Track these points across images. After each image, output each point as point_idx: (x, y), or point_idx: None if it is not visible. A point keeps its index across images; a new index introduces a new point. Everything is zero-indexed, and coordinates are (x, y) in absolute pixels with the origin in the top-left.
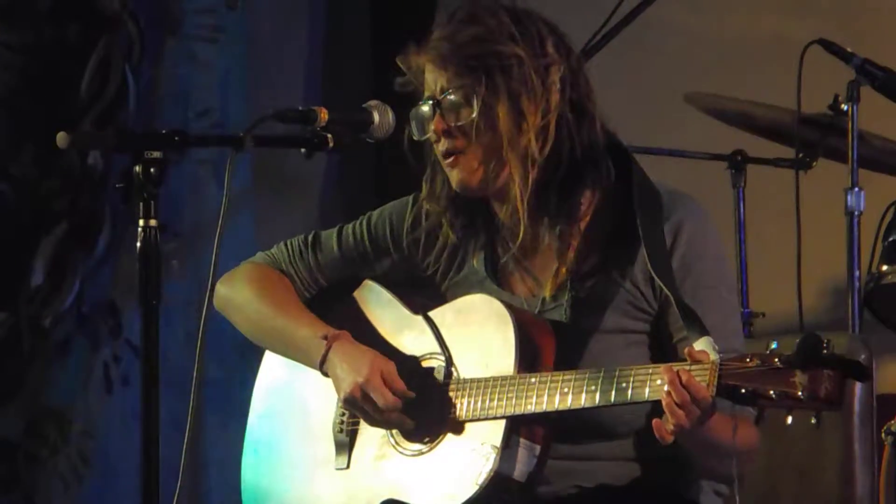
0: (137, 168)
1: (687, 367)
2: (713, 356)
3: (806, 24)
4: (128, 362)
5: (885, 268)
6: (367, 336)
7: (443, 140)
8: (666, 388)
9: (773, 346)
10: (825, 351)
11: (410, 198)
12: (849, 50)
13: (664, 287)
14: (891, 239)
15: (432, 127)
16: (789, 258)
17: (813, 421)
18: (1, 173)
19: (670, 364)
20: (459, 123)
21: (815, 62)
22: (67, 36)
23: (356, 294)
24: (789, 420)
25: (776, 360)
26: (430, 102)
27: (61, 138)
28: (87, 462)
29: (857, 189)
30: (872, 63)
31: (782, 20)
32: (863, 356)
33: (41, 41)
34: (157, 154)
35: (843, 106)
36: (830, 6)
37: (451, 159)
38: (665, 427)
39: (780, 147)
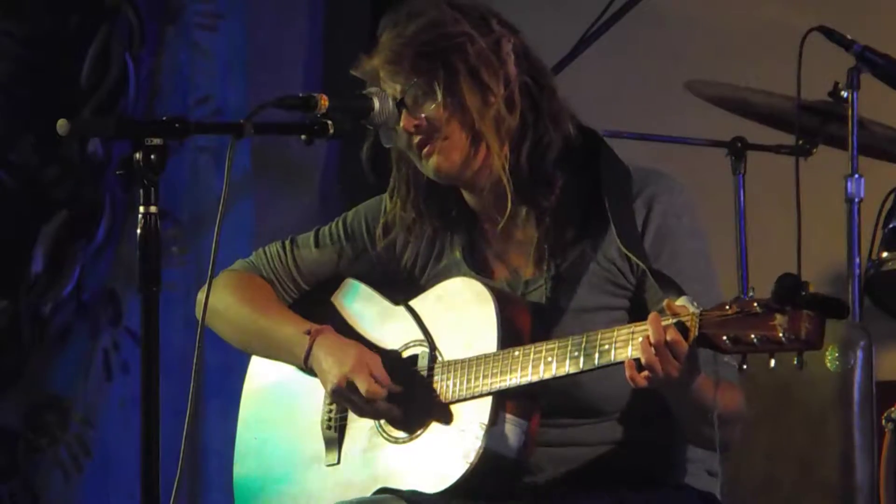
0: (138, 155)
1: (668, 321)
2: (692, 309)
3: (806, 12)
4: (128, 350)
5: (885, 255)
6: (351, 331)
7: (414, 137)
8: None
9: (751, 293)
10: (803, 292)
11: (386, 196)
12: (849, 37)
13: (635, 258)
14: (891, 226)
15: (401, 126)
16: (789, 245)
17: (794, 362)
18: (1, 161)
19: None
20: (427, 115)
21: (815, 49)
22: (68, 24)
23: (337, 292)
24: (772, 363)
25: (755, 304)
26: (394, 104)
27: (61, 125)
28: (87, 450)
29: (857, 176)
30: (872, 50)
31: (782, 7)
32: (862, 343)
33: (42, 29)
34: (157, 141)
35: (843, 93)
36: None
37: (426, 148)
38: (638, 371)
39: (780, 134)
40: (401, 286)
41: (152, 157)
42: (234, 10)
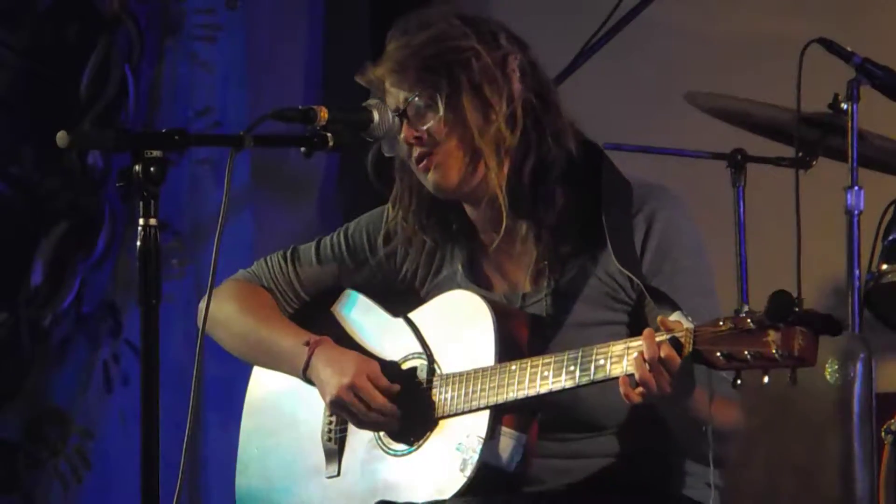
0: (137, 167)
1: (662, 337)
2: (686, 324)
3: (805, 23)
4: (127, 362)
5: (884, 267)
6: (350, 342)
7: (415, 147)
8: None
9: (746, 308)
10: (796, 308)
11: (387, 207)
12: (848, 49)
13: (629, 273)
14: (890, 238)
15: (402, 136)
16: (789, 257)
17: (788, 379)
18: (1, 173)
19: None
20: (427, 126)
21: (814, 61)
22: (67, 36)
23: (337, 303)
24: (766, 380)
25: (749, 321)
26: (396, 114)
27: (61, 138)
28: (87, 462)
29: (856, 188)
30: (872, 62)
31: (782, 19)
32: (862, 355)
33: (41, 41)
34: (156, 153)
35: (842, 105)
36: (830, 5)
37: (424, 162)
38: (633, 387)
39: (779, 146)
40: (400, 296)
41: (152, 169)
42: (234, 21)
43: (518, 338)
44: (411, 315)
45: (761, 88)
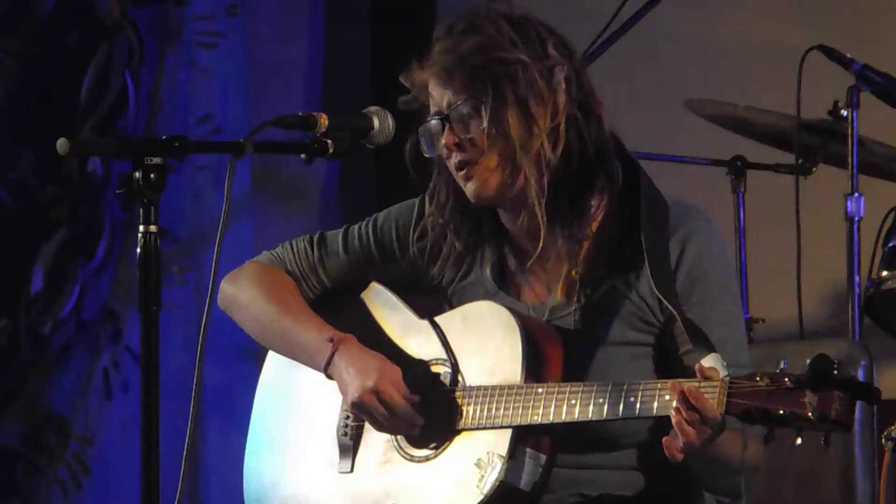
0: (137, 174)
1: (696, 384)
2: (722, 373)
3: (805, 30)
4: (127, 369)
5: (884, 273)
6: (373, 339)
7: (455, 153)
8: (675, 404)
9: (783, 365)
10: (836, 372)
11: (417, 201)
12: (848, 56)
13: (669, 306)
14: (891, 244)
15: (443, 141)
16: (789, 263)
17: (822, 441)
18: (1, 180)
19: (678, 380)
20: (470, 135)
21: (814, 68)
22: (67, 43)
23: (362, 296)
24: (798, 441)
25: (786, 379)
26: (438, 117)
27: (61, 144)
28: (87, 469)
29: (857, 195)
30: (872, 69)
31: (782, 26)
32: (863, 362)
33: (41, 48)
34: (157, 160)
35: (842, 112)
36: (830, 12)
37: (464, 171)
38: (675, 444)
39: (779, 153)
40: (426, 293)
41: (152, 175)
42: (234, 28)
43: (546, 355)
44: (437, 319)
45: (761, 95)
